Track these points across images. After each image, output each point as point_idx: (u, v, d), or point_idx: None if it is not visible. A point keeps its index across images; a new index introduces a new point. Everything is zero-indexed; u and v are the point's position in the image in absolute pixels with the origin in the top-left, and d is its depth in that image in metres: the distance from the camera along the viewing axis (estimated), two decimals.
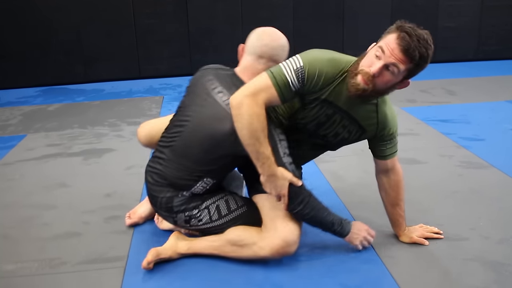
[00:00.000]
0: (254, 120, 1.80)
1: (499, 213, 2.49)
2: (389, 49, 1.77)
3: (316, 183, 2.72)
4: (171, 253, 2.10)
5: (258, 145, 1.82)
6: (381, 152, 2.11)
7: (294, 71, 1.86)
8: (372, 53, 1.83)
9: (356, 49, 7.10)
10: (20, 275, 2.06)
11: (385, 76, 1.81)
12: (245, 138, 1.82)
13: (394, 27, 1.81)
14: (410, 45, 1.74)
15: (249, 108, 1.80)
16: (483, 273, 2.00)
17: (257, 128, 1.80)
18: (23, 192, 2.89)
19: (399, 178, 2.17)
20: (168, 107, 4.77)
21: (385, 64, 1.78)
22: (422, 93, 4.99)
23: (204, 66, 2.20)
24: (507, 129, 3.82)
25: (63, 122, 4.36)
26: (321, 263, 2.10)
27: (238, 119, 1.82)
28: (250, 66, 2.03)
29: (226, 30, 6.10)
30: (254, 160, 1.86)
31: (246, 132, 1.81)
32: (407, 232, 2.23)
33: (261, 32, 2.05)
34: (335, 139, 2.12)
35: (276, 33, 2.06)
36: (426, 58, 1.79)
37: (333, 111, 2.00)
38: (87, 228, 2.44)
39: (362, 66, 1.84)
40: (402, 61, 1.77)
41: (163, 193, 2.06)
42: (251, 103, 1.80)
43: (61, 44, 5.85)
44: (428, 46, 1.78)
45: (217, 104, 1.97)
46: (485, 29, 6.60)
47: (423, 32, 1.78)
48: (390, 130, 2.06)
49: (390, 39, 1.78)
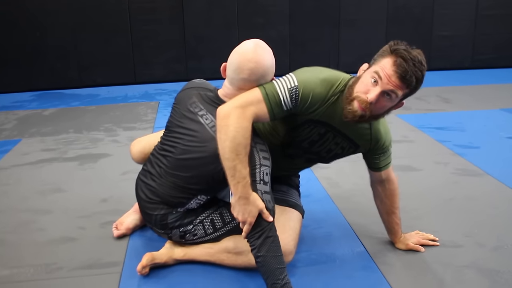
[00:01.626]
0: (239, 134, 1.72)
1: (494, 220, 2.50)
2: (386, 76, 1.74)
3: (312, 189, 2.73)
4: (166, 259, 2.10)
5: (238, 161, 1.73)
6: (375, 164, 2.10)
7: (288, 90, 1.82)
8: (367, 78, 1.79)
9: (352, 56, 7.08)
10: (16, 281, 2.05)
11: (382, 101, 1.79)
12: (225, 150, 1.73)
13: (388, 49, 1.77)
14: (407, 71, 1.72)
15: (236, 120, 1.73)
16: (478, 280, 2.01)
17: (240, 142, 1.72)
18: (18, 197, 2.88)
19: (394, 187, 2.16)
20: (164, 112, 4.77)
21: (382, 91, 1.76)
22: (417, 101, 5.02)
23: (188, 84, 2.13)
24: (502, 137, 3.85)
25: (58, 127, 4.35)
26: (317, 270, 2.10)
27: (223, 130, 1.74)
28: (232, 94, 1.91)
29: (222, 36, 6.11)
30: (229, 178, 1.75)
31: (229, 144, 1.72)
32: (403, 239, 2.23)
33: (240, 63, 1.86)
34: (328, 155, 2.12)
35: (257, 60, 1.85)
36: (421, 81, 1.78)
37: (326, 130, 1.99)
38: (83, 233, 2.43)
39: (358, 92, 1.80)
40: (399, 87, 1.75)
41: (157, 210, 2.03)
42: (239, 115, 1.74)
43: (56, 48, 5.83)
44: (423, 68, 1.76)
45: (202, 127, 1.93)
46: (480, 38, 6.64)
47: (416, 53, 1.76)
48: (383, 144, 2.05)
49: (386, 64, 1.75)
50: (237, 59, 1.88)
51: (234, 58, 1.89)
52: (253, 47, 1.87)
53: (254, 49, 1.87)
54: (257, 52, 1.86)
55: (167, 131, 2.09)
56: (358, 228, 2.42)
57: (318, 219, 2.52)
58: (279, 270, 1.79)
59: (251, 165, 1.79)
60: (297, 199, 2.25)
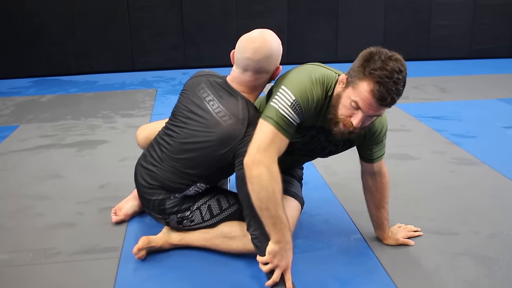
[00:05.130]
0: (273, 182, 1.72)
1: (490, 209, 2.52)
2: (365, 106, 1.72)
3: (309, 177, 2.74)
4: (162, 243, 2.12)
5: (277, 208, 1.73)
6: (368, 155, 2.08)
7: (290, 107, 1.78)
8: (347, 102, 1.76)
9: (350, 44, 7.05)
10: (15, 265, 2.07)
11: (367, 120, 1.80)
12: (263, 200, 1.72)
13: (362, 71, 1.71)
14: (385, 97, 1.68)
15: (266, 168, 1.72)
16: (473, 267, 2.03)
17: (275, 190, 1.72)
18: (16, 183, 2.89)
19: (385, 181, 2.13)
20: (162, 99, 4.77)
21: (365, 116, 1.76)
22: (414, 90, 5.03)
23: (198, 72, 2.16)
24: (499, 127, 3.86)
25: (56, 113, 4.35)
26: (314, 256, 2.13)
27: (254, 181, 1.72)
28: (238, 77, 1.96)
29: (220, 24, 6.10)
30: (269, 227, 1.76)
31: (265, 194, 1.71)
32: (391, 234, 2.20)
33: (245, 43, 1.92)
34: (323, 152, 2.13)
35: (261, 41, 1.90)
36: (402, 91, 1.73)
37: (317, 132, 2.00)
38: (81, 219, 2.44)
39: (342, 115, 1.79)
40: (381, 110, 1.75)
41: (155, 195, 2.04)
42: (268, 161, 1.73)
43: (54, 35, 5.81)
44: (402, 80, 1.70)
45: (208, 113, 1.94)
46: (478, 28, 6.65)
47: (395, 65, 1.69)
48: (377, 136, 2.03)
49: (363, 92, 1.71)
50: (243, 42, 1.94)
51: (241, 41, 1.95)
52: (259, 31, 1.94)
53: (260, 32, 1.93)
54: (263, 36, 1.92)
55: (172, 116, 2.10)
56: (354, 215, 2.44)
57: (315, 207, 2.53)
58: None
59: None
60: (298, 190, 2.25)
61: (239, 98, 1.94)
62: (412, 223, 2.33)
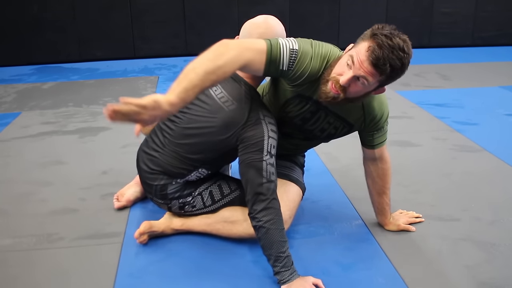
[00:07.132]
0: (226, 66, 1.60)
1: (491, 195, 2.53)
2: (358, 61, 1.67)
3: (311, 163, 2.75)
4: (163, 228, 2.13)
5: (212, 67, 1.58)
6: (369, 141, 2.07)
7: (289, 50, 1.76)
8: (344, 60, 1.73)
9: (352, 31, 7.02)
10: (18, 250, 2.08)
11: (355, 86, 1.73)
12: (200, 65, 1.58)
13: (369, 33, 1.69)
14: (379, 58, 1.63)
15: (231, 58, 1.62)
16: (474, 252, 2.04)
17: (219, 73, 1.60)
18: (19, 169, 2.90)
19: (387, 167, 2.13)
20: (163, 86, 4.76)
21: (354, 76, 1.70)
22: (416, 77, 5.01)
23: None
24: (500, 114, 3.86)
25: (58, 100, 4.35)
26: (315, 241, 2.14)
27: (212, 54, 1.61)
28: None
29: (222, 11, 6.07)
30: (177, 79, 1.59)
31: (210, 64, 1.58)
32: (393, 220, 2.21)
33: (249, 28, 1.94)
34: (322, 134, 2.10)
35: (266, 26, 1.93)
36: (399, 70, 1.67)
37: (317, 108, 1.97)
38: (84, 205, 2.46)
39: (334, 73, 1.76)
40: (371, 74, 1.67)
41: (157, 180, 2.05)
42: (236, 55, 1.64)
43: (55, 22, 5.80)
44: (403, 56, 1.65)
45: (211, 98, 1.94)
46: (481, 15, 6.61)
47: (399, 40, 1.65)
48: (378, 121, 2.01)
49: (361, 49, 1.68)
50: (247, 27, 1.97)
51: (245, 27, 1.98)
52: (264, 17, 1.97)
53: (264, 18, 1.97)
54: (267, 21, 1.96)
55: None
56: (356, 202, 2.45)
57: (317, 193, 2.54)
58: (282, 243, 1.80)
59: (259, 135, 1.82)
60: (299, 176, 2.25)
61: (242, 84, 1.93)
62: (414, 209, 2.33)
